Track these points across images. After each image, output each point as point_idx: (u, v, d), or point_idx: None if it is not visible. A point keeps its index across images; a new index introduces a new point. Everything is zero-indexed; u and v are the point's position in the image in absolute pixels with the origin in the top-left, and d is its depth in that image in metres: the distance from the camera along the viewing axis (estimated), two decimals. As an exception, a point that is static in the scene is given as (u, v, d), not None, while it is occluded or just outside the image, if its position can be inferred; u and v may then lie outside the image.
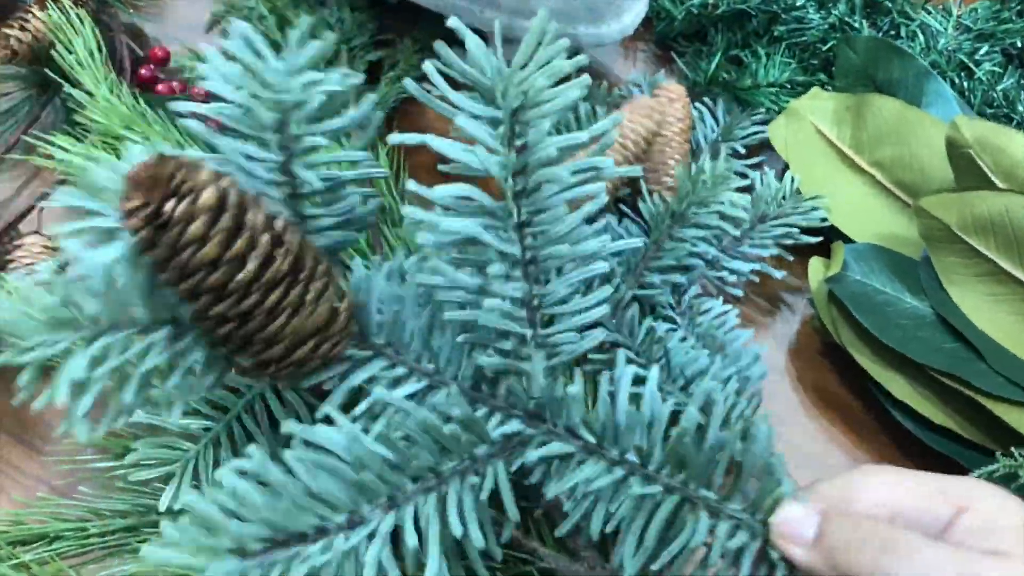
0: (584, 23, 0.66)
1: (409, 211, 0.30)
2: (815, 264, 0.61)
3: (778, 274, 0.58)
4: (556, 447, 0.33)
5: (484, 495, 0.31)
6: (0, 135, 0.70)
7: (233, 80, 0.30)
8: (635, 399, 0.33)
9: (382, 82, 0.71)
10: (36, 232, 0.62)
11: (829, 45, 0.70)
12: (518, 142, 0.29)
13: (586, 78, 0.28)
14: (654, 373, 0.33)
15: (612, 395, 0.33)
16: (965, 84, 0.68)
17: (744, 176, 0.62)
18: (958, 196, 0.55)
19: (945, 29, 0.71)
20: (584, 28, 0.67)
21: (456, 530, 0.30)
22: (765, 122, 0.67)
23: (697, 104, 0.67)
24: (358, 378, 0.33)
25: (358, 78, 0.31)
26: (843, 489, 0.34)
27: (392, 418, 0.31)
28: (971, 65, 0.68)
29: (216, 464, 0.44)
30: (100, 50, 0.64)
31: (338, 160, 0.33)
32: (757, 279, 0.58)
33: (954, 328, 0.55)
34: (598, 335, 0.32)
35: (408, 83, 0.30)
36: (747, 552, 0.34)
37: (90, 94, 0.61)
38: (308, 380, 0.33)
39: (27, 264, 0.59)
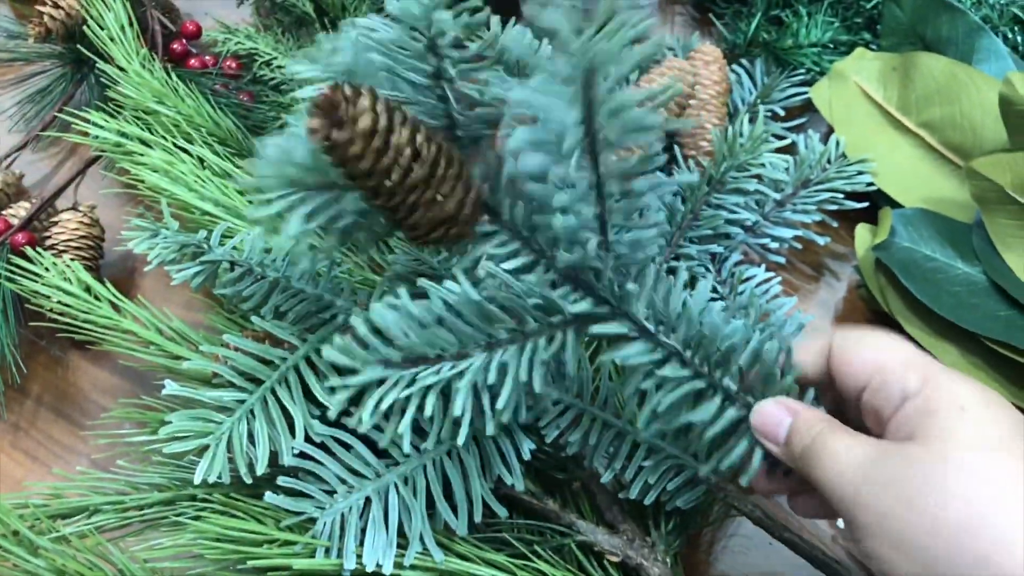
0: (619, -14, 0.65)
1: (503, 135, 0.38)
2: (861, 231, 0.59)
3: (822, 240, 0.57)
4: (614, 326, 0.39)
5: (550, 353, 0.38)
6: (36, 114, 0.70)
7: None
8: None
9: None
10: (72, 208, 0.62)
11: (874, 3, 0.68)
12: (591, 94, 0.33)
13: (660, 37, 0.30)
14: (708, 278, 0.42)
15: (668, 291, 0.39)
16: (1019, 39, 0.65)
17: (783, 139, 0.60)
18: (1012, 156, 0.53)
19: (997, -17, 0.68)
20: (619, -9, 0.65)
21: (523, 375, 0.37)
22: (806, 83, 0.65)
23: (735, 66, 0.65)
24: (481, 250, 0.40)
25: (485, 12, 0.37)
26: (841, 349, 0.36)
27: (496, 286, 0.38)
28: (1025, 19, 0.65)
29: (251, 436, 0.44)
30: (132, 25, 0.64)
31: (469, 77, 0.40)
32: (800, 246, 0.57)
33: (1008, 295, 0.53)
34: (654, 249, 0.40)
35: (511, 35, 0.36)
36: (741, 431, 0.39)
37: (122, 69, 0.61)
38: (450, 248, 0.41)
39: (63, 240, 0.59)
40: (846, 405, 0.37)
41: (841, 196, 0.56)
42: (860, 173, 0.57)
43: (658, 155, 0.37)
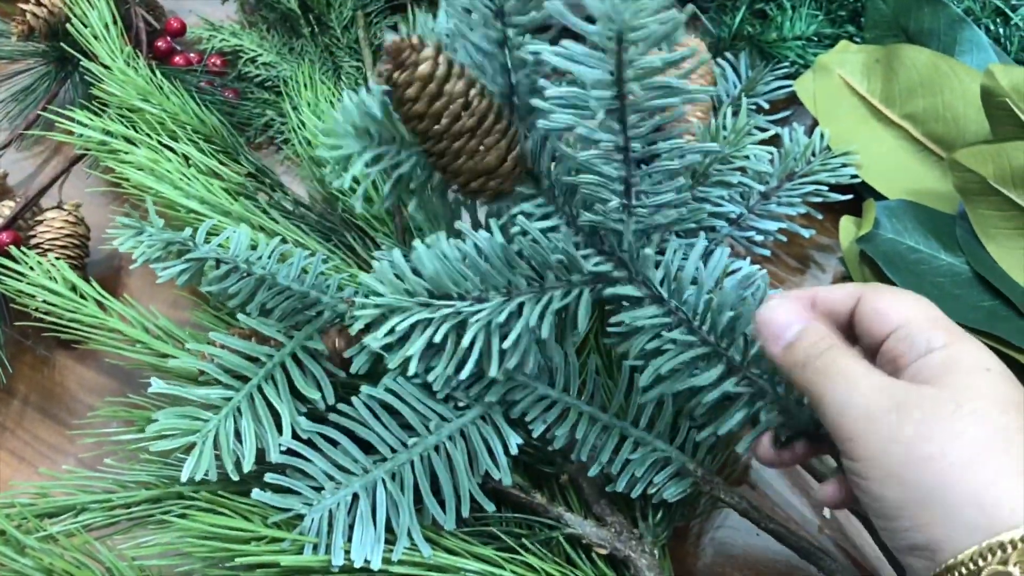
0: (603, -20, 0.65)
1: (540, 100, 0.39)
2: (846, 223, 0.59)
3: (807, 232, 0.57)
4: (629, 289, 0.42)
5: (563, 303, 0.41)
6: (20, 112, 0.70)
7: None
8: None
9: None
10: (57, 207, 0.62)
11: (857, -4, 0.68)
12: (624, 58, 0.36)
13: (682, 16, 0.34)
14: (722, 250, 0.43)
15: (683, 259, 0.42)
16: (1001, 31, 0.65)
17: (767, 131, 0.60)
18: (994, 147, 0.53)
19: (979, -25, 0.68)
20: (603, -15, 0.65)
21: (535, 319, 0.41)
22: (790, 76, 0.65)
23: (719, 60, 0.65)
24: (517, 208, 0.43)
25: None
26: (874, 294, 0.36)
27: (526, 243, 0.41)
28: (1007, 11, 0.66)
29: (238, 434, 0.44)
30: (116, 23, 0.64)
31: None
32: (785, 239, 0.57)
33: (992, 285, 0.53)
34: (673, 213, 0.42)
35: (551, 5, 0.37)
36: (741, 400, 0.41)
37: (107, 67, 0.61)
38: (488, 202, 0.44)
39: (48, 239, 0.59)
40: (862, 351, 0.37)
41: (826, 188, 0.56)
42: (844, 166, 0.57)
43: (683, 116, 0.40)
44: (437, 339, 0.41)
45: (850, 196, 0.57)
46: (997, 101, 0.53)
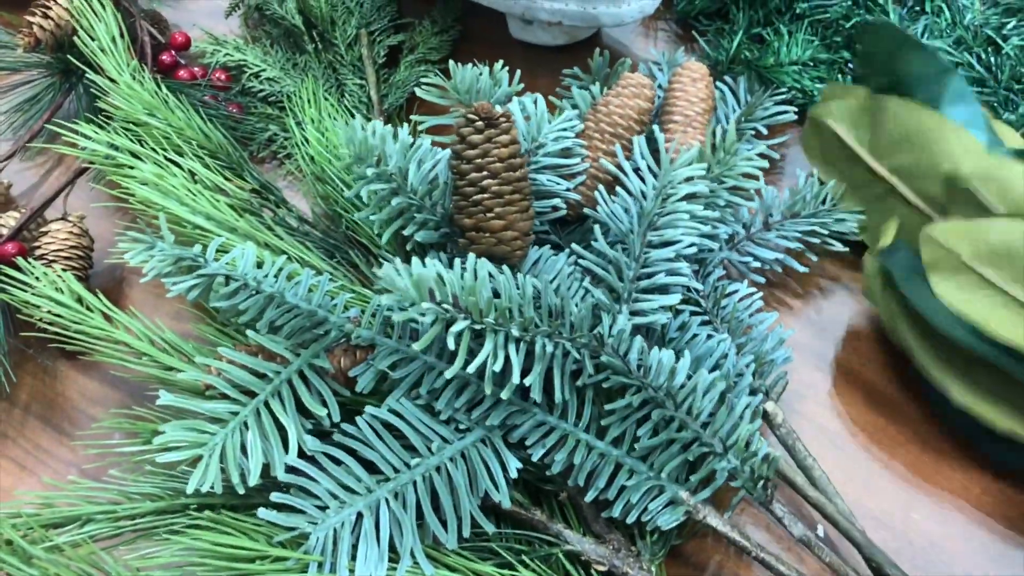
0: (604, 2, 0.66)
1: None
2: (870, 260, 0.57)
3: (802, 269, 0.59)
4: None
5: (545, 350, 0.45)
6: (24, 123, 0.71)
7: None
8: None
9: (401, 65, 0.71)
10: (62, 218, 0.63)
11: (852, 22, 0.69)
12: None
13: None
14: (687, 356, 0.46)
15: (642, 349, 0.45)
16: (992, 60, 0.67)
17: (768, 158, 0.62)
18: (972, 224, 0.52)
19: (972, 3, 0.69)
20: (604, 7, 0.66)
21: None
22: (788, 101, 0.67)
23: (719, 83, 0.66)
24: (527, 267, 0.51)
25: None
26: None
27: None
28: (998, 40, 0.67)
29: (243, 449, 0.45)
30: (122, 36, 0.64)
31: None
32: (780, 269, 0.59)
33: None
34: (667, 311, 0.50)
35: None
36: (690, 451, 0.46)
37: (112, 80, 0.62)
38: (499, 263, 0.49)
39: (53, 250, 0.60)
40: None
41: (826, 233, 0.58)
42: (843, 220, 0.59)
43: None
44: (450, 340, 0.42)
45: (847, 249, 0.60)
46: (960, 188, 0.53)
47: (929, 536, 0.52)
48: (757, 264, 0.57)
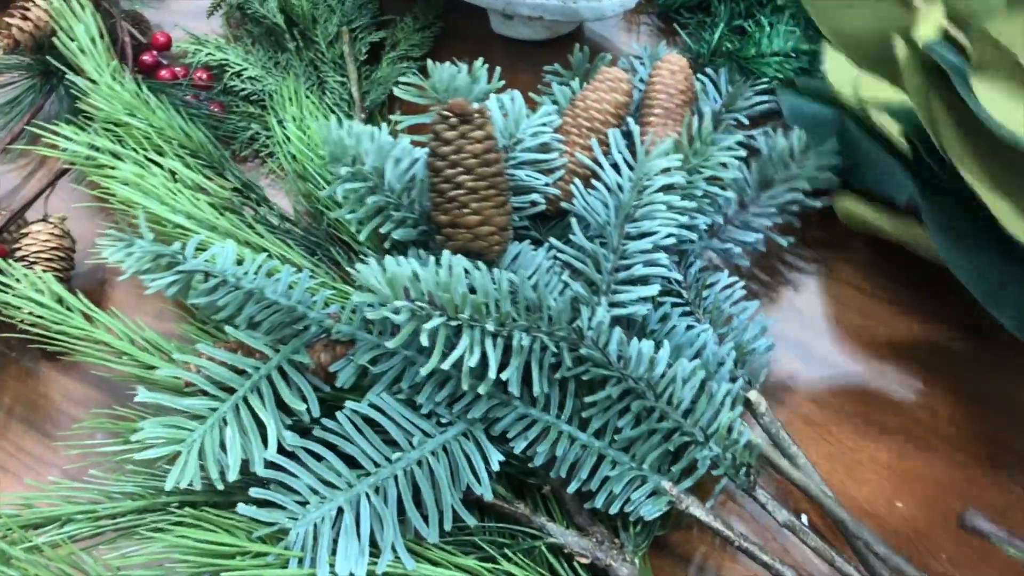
0: (585, -3, 0.66)
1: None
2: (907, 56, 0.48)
3: (785, 241, 0.58)
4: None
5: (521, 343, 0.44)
6: (5, 125, 0.70)
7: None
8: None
9: (383, 62, 0.71)
10: (43, 220, 0.62)
11: (835, 13, 0.69)
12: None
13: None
14: (666, 346, 0.46)
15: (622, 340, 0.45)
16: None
17: (746, 147, 0.61)
18: None
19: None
20: (585, 2, 0.66)
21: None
22: (768, 92, 0.67)
23: (700, 76, 0.66)
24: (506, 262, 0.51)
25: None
26: None
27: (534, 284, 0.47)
28: None
29: (223, 445, 0.44)
30: (102, 37, 0.64)
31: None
32: (764, 249, 0.58)
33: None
34: (646, 302, 0.50)
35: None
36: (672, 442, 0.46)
37: (93, 81, 0.62)
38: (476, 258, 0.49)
39: (34, 252, 0.59)
40: None
41: (803, 197, 0.57)
42: (821, 168, 0.57)
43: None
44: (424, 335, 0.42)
45: (827, 203, 0.59)
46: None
47: (914, 524, 0.52)
48: (738, 250, 0.57)
